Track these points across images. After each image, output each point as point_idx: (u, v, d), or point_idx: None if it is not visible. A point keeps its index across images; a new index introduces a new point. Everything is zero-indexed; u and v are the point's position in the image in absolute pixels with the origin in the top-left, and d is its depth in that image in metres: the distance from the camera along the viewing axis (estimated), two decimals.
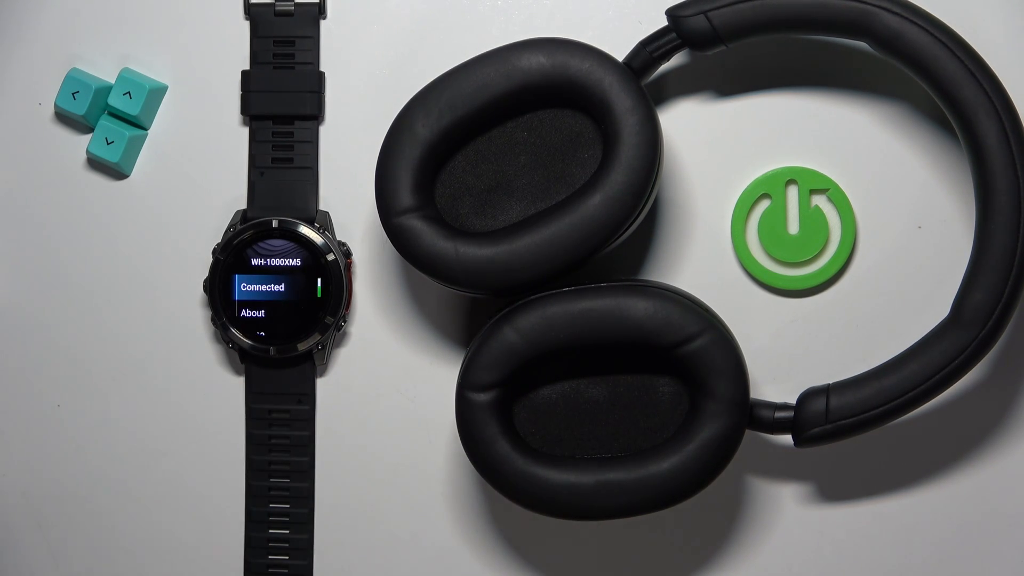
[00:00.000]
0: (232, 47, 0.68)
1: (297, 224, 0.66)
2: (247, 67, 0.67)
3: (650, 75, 0.63)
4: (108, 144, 0.67)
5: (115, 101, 0.66)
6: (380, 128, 0.64)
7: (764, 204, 0.66)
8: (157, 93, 0.68)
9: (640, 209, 0.61)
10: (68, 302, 0.69)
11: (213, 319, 0.66)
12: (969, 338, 0.60)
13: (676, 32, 0.62)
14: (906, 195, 0.66)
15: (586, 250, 0.61)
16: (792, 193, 0.66)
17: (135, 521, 0.69)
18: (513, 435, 0.62)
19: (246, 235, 0.66)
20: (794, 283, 0.66)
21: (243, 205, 0.68)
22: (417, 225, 0.61)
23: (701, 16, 0.61)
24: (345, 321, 0.67)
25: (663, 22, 0.63)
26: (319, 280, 0.66)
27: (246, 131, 0.68)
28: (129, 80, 0.66)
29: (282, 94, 0.67)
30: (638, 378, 0.63)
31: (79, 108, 0.66)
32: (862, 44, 0.63)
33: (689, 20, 0.62)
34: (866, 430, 0.61)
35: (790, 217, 0.66)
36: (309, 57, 0.67)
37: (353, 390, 0.68)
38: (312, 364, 0.67)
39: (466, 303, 0.68)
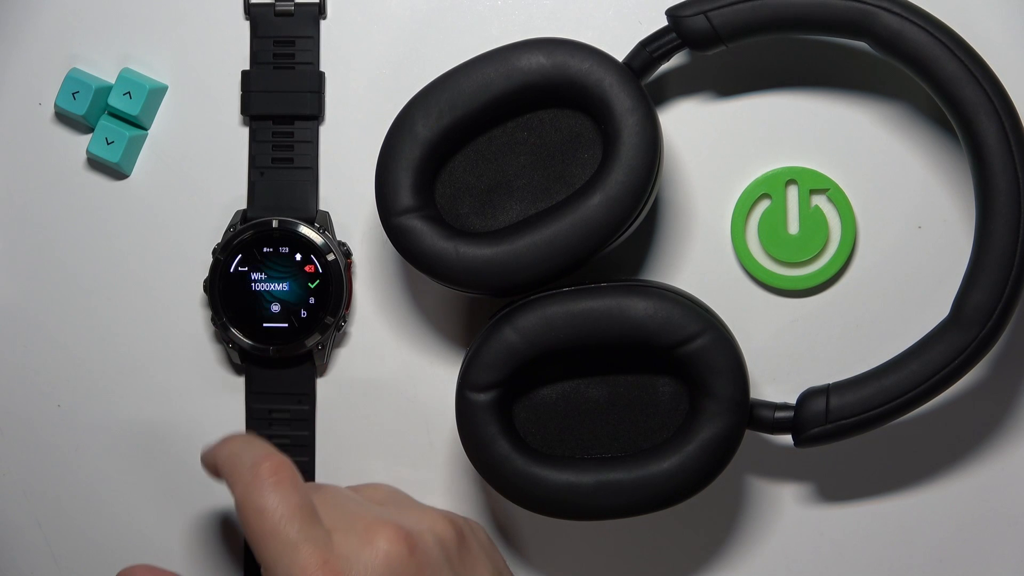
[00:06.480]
0: (232, 47, 0.68)
1: (297, 224, 0.66)
2: (247, 67, 0.67)
3: (650, 75, 0.63)
4: (108, 144, 0.67)
5: (115, 101, 0.66)
6: (380, 128, 0.64)
7: (764, 204, 0.66)
8: (157, 93, 0.68)
9: (640, 209, 0.61)
10: (68, 302, 0.68)
11: (213, 319, 0.66)
12: (969, 338, 0.60)
13: (676, 32, 0.62)
14: (906, 195, 0.66)
15: (586, 250, 0.61)
16: (792, 193, 0.66)
17: (135, 521, 0.69)
18: (513, 435, 0.62)
19: (246, 235, 0.66)
20: (794, 283, 0.66)
21: (243, 205, 0.67)
22: (417, 225, 0.61)
23: (701, 16, 0.61)
24: (345, 321, 0.67)
25: (663, 22, 0.63)
26: (319, 280, 0.66)
27: (246, 131, 0.68)
28: (129, 80, 0.66)
29: (282, 94, 0.67)
30: (638, 378, 0.63)
31: (79, 108, 0.66)
32: (862, 44, 0.63)
33: (689, 20, 0.62)
34: (866, 430, 0.62)
35: (790, 217, 0.66)
36: (309, 57, 0.67)
37: (353, 390, 0.68)
38: (312, 364, 0.67)
39: (466, 303, 0.68)
